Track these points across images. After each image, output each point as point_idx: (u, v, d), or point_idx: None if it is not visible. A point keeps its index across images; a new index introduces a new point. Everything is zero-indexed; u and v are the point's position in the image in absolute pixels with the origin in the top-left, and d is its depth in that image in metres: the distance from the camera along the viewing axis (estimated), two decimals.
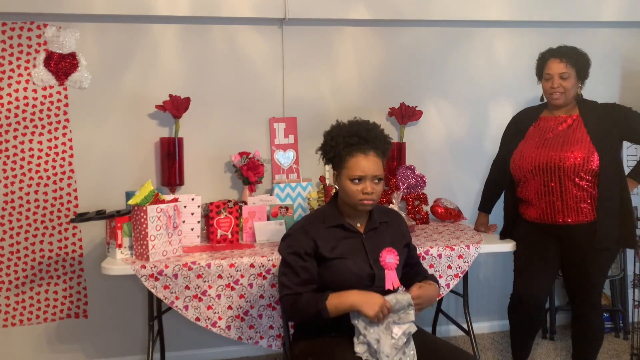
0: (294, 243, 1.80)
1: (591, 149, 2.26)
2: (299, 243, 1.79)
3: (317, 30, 2.98)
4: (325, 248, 1.79)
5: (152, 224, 2.18)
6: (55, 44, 2.70)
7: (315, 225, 1.83)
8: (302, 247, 1.78)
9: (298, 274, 1.76)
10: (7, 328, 2.76)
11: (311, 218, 1.88)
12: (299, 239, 1.79)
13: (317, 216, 1.88)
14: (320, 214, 1.89)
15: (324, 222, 1.84)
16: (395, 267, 1.83)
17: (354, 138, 1.78)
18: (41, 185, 2.74)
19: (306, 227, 1.82)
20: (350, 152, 1.78)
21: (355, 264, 1.79)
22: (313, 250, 1.79)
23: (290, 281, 1.76)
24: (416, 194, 2.94)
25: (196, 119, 2.86)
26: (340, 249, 1.80)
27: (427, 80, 3.14)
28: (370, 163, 1.77)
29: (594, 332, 2.41)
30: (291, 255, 1.79)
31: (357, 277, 1.78)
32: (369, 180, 1.77)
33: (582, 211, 2.30)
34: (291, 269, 1.77)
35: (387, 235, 1.90)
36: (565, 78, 2.32)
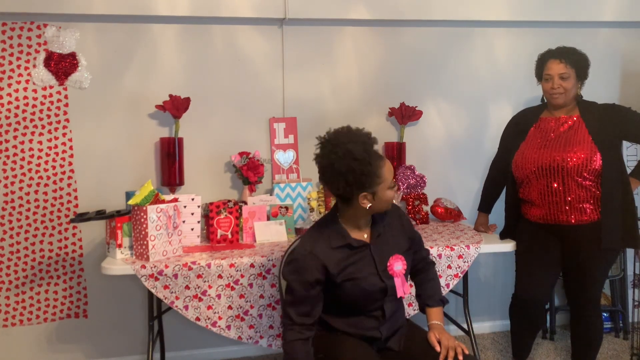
0: (302, 270, 1.73)
1: (593, 149, 2.26)
2: (307, 271, 1.72)
3: (317, 30, 2.98)
4: (336, 270, 1.75)
5: (152, 224, 2.18)
6: (55, 44, 2.70)
7: (321, 248, 1.76)
8: (311, 275, 1.72)
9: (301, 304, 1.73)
10: (7, 328, 2.76)
11: (316, 238, 1.79)
12: (307, 266, 1.72)
13: (322, 237, 1.80)
14: (324, 234, 1.80)
15: (329, 243, 1.77)
16: (403, 274, 1.84)
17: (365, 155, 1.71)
18: (41, 185, 2.74)
19: (314, 252, 1.74)
20: (378, 164, 1.72)
21: (366, 282, 1.77)
22: (324, 275, 1.74)
23: (294, 311, 1.73)
24: (416, 194, 2.94)
25: (196, 119, 2.86)
26: (351, 269, 1.77)
27: (427, 80, 3.14)
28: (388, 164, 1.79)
29: (593, 332, 2.41)
30: (297, 283, 1.73)
31: (371, 294, 1.79)
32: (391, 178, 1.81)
33: (585, 211, 2.30)
34: (295, 298, 1.73)
35: (391, 237, 1.88)
36: (565, 78, 2.32)
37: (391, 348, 1.86)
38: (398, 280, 1.81)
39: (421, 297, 1.97)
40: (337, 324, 1.83)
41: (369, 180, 1.71)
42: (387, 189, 1.76)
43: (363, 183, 1.71)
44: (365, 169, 1.69)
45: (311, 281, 1.71)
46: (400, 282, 1.82)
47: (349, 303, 1.80)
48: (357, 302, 1.79)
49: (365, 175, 1.70)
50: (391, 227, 1.91)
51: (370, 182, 1.72)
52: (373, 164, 1.70)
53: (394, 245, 1.87)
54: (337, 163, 1.69)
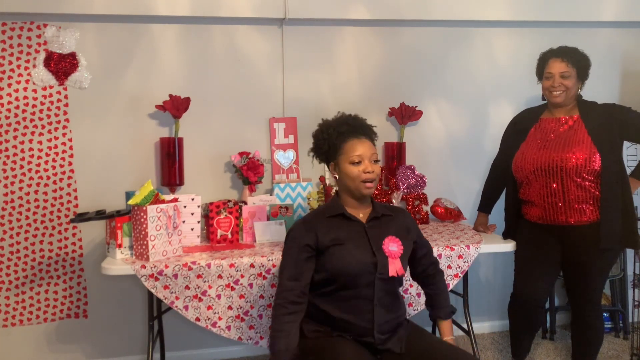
0: (294, 236, 1.84)
1: (593, 150, 2.26)
2: (298, 236, 1.83)
3: (317, 30, 2.98)
4: (326, 237, 1.81)
5: (152, 224, 2.17)
6: (55, 44, 2.70)
7: (315, 217, 1.87)
8: (302, 239, 1.81)
9: (290, 268, 1.81)
10: (7, 328, 2.76)
11: (312, 212, 1.94)
12: (299, 232, 1.84)
13: (319, 210, 1.93)
14: (321, 207, 1.94)
15: (324, 214, 1.88)
16: (399, 256, 1.84)
17: (343, 126, 1.87)
18: (41, 185, 2.74)
19: (307, 219, 1.87)
20: (344, 138, 1.86)
21: (357, 250, 1.81)
22: (314, 242, 1.81)
23: (284, 275, 1.81)
24: (416, 194, 2.94)
25: (196, 119, 2.86)
26: (342, 236, 1.83)
27: (427, 80, 3.14)
28: (365, 146, 1.86)
29: (594, 332, 2.41)
30: (289, 247, 1.84)
31: (360, 264, 1.79)
32: (367, 160, 1.84)
33: (584, 212, 2.30)
34: (286, 262, 1.82)
35: (390, 226, 1.91)
36: (566, 77, 2.32)
37: (391, 350, 1.83)
38: (393, 261, 1.82)
39: (433, 309, 2.04)
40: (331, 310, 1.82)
41: (331, 152, 1.89)
42: (348, 163, 1.83)
43: (325, 152, 1.91)
44: (325, 136, 1.88)
45: (301, 245, 1.80)
46: (395, 262, 1.82)
47: (337, 272, 1.78)
48: (345, 271, 1.77)
49: (325, 141, 1.89)
50: (393, 220, 1.94)
51: (332, 154, 1.88)
52: (332, 134, 1.86)
53: (391, 230, 1.89)
54: (315, 132, 1.95)
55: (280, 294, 1.79)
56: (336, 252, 1.80)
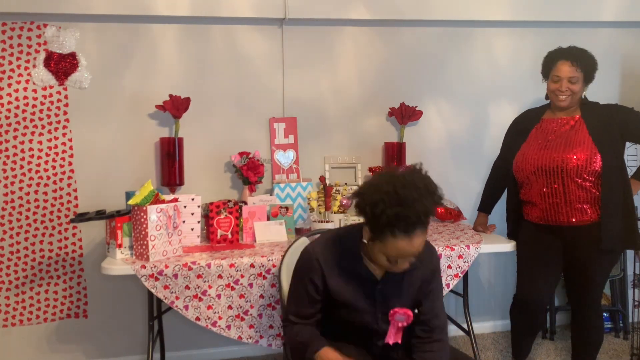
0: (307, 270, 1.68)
1: (594, 150, 2.25)
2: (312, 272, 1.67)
3: (317, 30, 2.98)
4: (336, 291, 1.67)
5: (152, 224, 2.17)
6: (55, 44, 2.70)
7: (330, 259, 1.67)
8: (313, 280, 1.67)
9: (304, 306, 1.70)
10: (7, 328, 2.76)
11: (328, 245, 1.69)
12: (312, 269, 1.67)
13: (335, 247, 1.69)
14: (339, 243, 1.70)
15: (340, 259, 1.67)
16: (403, 327, 1.68)
17: (400, 222, 1.48)
18: (41, 185, 2.74)
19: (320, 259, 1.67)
20: (392, 231, 1.49)
21: (360, 317, 1.68)
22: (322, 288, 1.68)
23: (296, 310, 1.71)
24: None
25: (196, 119, 2.86)
26: (349, 295, 1.67)
27: (427, 80, 3.13)
28: (414, 245, 1.52)
29: (594, 332, 2.41)
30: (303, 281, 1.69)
31: (359, 327, 1.70)
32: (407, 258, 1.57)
33: (585, 212, 2.30)
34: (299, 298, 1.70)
35: (407, 284, 1.69)
36: (574, 82, 2.29)
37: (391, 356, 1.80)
38: (392, 328, 1.67)
39: None
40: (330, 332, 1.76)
41: (375, 228, 1.54)
42: (379, 252, 1.56)
43: (371, 224, 1.55)
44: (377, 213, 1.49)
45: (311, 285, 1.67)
46: (395, 330, 1.67)
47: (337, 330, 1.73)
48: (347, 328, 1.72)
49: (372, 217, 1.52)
50: (415, 272, 1.70)
51: (375, 230, 1.54)
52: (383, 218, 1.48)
53: (406, 294, 1.70)
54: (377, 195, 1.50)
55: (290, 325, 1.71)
56: (339, 313, 1.70)
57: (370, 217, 1.52)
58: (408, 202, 1.47)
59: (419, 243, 1.52)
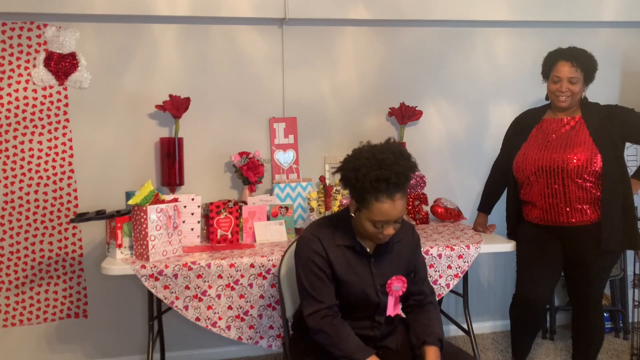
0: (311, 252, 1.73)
1: (594, 151, 2.25)
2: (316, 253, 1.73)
3: (317, 30, 2.98)
4: (337, 268, 1.74)
5: (152, 224, 2.17)
6: (55, 44, 2.70)
7: (326, 237, 1.75)
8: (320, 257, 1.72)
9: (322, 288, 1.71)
10: (7, 328, 2.76)
11: (322, 227, 1.79)
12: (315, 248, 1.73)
13: (328, 228, 1.78)
14: (331, 225, 1.79)
15: (334, 239, 1.75)
16: (400, 295, 1.80)
17: (381, 183, 1.60)
18: (41, 185, 2.74)
19: (319, 236, 1.75)
20: (376, 195, 1.61)
21: (361, 290, 1.75)
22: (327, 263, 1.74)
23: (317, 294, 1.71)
24: (416, 194, 2.94)
25: (196, 119, 2.86)
26: (350, 271, 1.75)
27: (427, 80, 3.14)
28: (397, 208, 1.63)
29: (594, 332, 2.41)
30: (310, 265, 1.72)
31: (363, 302, 1.77)
32: (391, 223, 1.67)
33: (585, 212, 2.30)
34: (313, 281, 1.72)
35: (396, 257, 1.82)
36: (574, 83, 2.29)
37: (388, 347, 1.85)
38: (392, 299, 1.77)
39: (416, 333, 1.79)
40: None
41: (356, 196, 1.67)
42: (368, 220, 1.66)
43: (355, 192, 1.66)
44: (358, 185, 1.63)
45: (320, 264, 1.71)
46: (393, 301, 1.77)
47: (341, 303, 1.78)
48: (349, 305, 1.78)
49: (354, 187, 1.65)
50: (400, 244, 1.84)
51: (357, 198, 1.67)
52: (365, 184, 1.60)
53: (397, 264, 1.81)
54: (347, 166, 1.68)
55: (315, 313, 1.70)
56: (342, 288, 1.75)
57: (354, 183, 1.64)
58: (386, 164, 1.61)
59: (400, 205, 1.64)
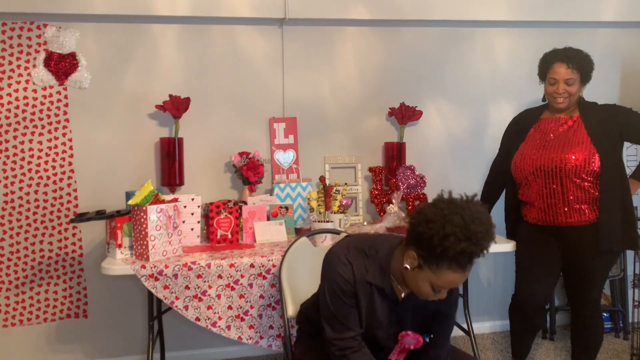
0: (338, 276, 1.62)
1: (592, 150, 2.25)
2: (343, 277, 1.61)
3: (317, 30, 2.98)
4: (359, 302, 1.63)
5: (152, 224, 2.17)
6: (55, 44, 2.70)
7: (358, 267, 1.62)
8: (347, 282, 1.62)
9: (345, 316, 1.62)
10: (7, 328, 2.76)
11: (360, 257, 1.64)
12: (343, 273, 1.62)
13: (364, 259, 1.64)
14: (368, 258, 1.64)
15: (367, 272, 1.62)
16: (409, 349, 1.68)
17: (464, 258, 1.44)
18: (41, 185, 2.74)
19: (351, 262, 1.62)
20: (451, 266, 1.45)
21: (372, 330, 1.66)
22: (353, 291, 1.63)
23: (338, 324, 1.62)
24: (416, 194, 2.94)
25: (196, 119, 2.86)
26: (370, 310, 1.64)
27: (427, 80, 3.13)
28: (464, 277, 1.50)
29: (594, 332, 2.41)
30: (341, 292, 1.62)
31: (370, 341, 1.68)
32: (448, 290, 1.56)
33: (584, 212, 2.29)
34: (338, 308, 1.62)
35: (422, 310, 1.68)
36: (570, 84, 2.29)
37: None
38: (398, 346, 1.67)
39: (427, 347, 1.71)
40: None
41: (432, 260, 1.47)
42: (426, 281, 1.50)
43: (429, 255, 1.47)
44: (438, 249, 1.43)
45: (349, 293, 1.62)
46: (399, 349, 1.67)
47: None
48: None
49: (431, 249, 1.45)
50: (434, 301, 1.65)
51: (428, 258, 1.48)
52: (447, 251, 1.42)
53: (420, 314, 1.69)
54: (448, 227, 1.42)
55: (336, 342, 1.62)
56: None
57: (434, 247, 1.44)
58: (477, 237, 1.42)
59: (464, 278, 1.50)
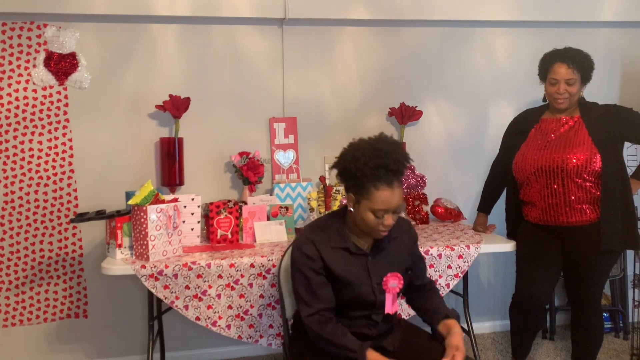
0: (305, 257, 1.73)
1: (593, 150, 2.25)
2: (310, 257, 1.73)
3: (317, 30, 2.98)
4: (334, 268, 1.74)
5: (152, 224, 2.18)
6: (55, 44, 2.70)
7: (321, 241, 1.76)
8: (314, 261, 1.73)
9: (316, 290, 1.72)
10: (7, 328, 2.76)
11: (316, 230, 1.80)
12: (309, 252, 1.73)
13: (322, 231, 1.79)
14: (325, 228, 1.80)
15: (329, 241, 1.76)
16: (397, 291, 1.79)
17: (381, 170, 1.64)
18: (41, 185, 2.74)
19: (313, 240, 1.75)
20: (375, 184, 1.65)
21: (357, 290, 1.75)
22: (322, 266, 1.74)
23: (311, 298, 1.72)
24: (416, 194, 2.94)
25: (196, 119, 2.86)
26: (347, 271, 1.75)
27: (427, 80, 3.13)
28: (395, 196, 1.67)
29: (593, 332, 2.41)
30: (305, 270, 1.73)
31: (360, 301, 1.76)
32: (391, 213, 1.69)
33: (584, 212, 2.30)
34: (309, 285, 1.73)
35: (393, 252, 1.83)
36: (571, 84, 2.29)
37: (385, 348, 1.83)
38: (389, 296, 1.77)
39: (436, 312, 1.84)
40: None
41: (355, 188, 1.69)
42: (369, 211, 1.68)
43: (354, 183, 1.69)
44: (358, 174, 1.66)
45: (314, 268, 1.72)
46: (391, 299, 1.77)
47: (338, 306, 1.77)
48: (346, 306, 1.77)
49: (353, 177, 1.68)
50: (397, 242, 1.86)
51: (356, 190, 1.69)
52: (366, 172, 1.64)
53: (394, 261, 1.82)
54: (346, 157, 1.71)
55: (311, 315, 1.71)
56: (336, 287, 1.76)
57: (354, 172, 1.67)
58: (384, 152, 1.66)
59: (399, 194, 1.68)
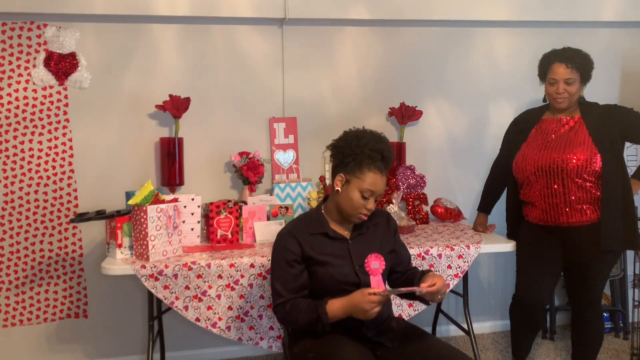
0: (282, 249, 1.82)
1: (593, 151, 2.26)
2: (287, 249, 1.81)
3: (317, 30, 2.98)
4: (314, 253, 1.81)
5: (152, 224, 2.17)
6: (55, 44, 2.70)
7: (300, 230, 1.84)
8: (291, 252, 1.80)
9: (288, 281, 1.79)
10: (7, 328, 2.76)
11: (296, 222, 1.90)
12: (286, 244, 1.82)
13: (302, 222, 1.89)
14: (304, 219, 1.90)
15: (307, 228, 1.85)
16: (380, 272, 1.81)
17: (377, 155, 1.79)
18: (41, 185, 2.74)
19: (292, 232, 1.84)
20: (370, 166, 1.79)
21: (339, 271, 1.80)
22: (300, 255, 1.81)
23: (283, 289, 1.79)
24: (416, 194, 2.94)
25: (196, 119, 2.86)
26: (325, 255, 1.81)
27: (427, 80, 3.13)
28: (382, 182, 1.82)
29: (594, 332, 2.41)
30: (281, 262, 1.81)
31: (342, 284, 1.80)
32: (375, 197, 1.82)
33: (585, 213, 2.30)
34: (282, 276, 1.80)
35: (374, 238, 1.91)
36: (570, 83, 2.30)
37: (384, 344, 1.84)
38: (374, 278, 1.78)
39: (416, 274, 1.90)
40: None
41: (350, 166, 1.80)
42: (358, 191, 1.79)
43: (345, 162, 1.80)
44: (358, 151, 1.78)
45: (290, 260, 1.79)
46: (376, 281, 1.78)
47: (319, 289, 1.81)
48: (327, 290, 1.79)
49: (352, 154, 1.79)
50: (376, 229, 1.93)
51: (350, 169, 1.80)
52: (365, 153, 1.78)
53: (375, 244, 1.88)
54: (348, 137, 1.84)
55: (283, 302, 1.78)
56: (318, 272, 1.81)
57: (354, 149, 1.79)
58: (382, 142, 1.83)
59: (384, 182, 1.83)
